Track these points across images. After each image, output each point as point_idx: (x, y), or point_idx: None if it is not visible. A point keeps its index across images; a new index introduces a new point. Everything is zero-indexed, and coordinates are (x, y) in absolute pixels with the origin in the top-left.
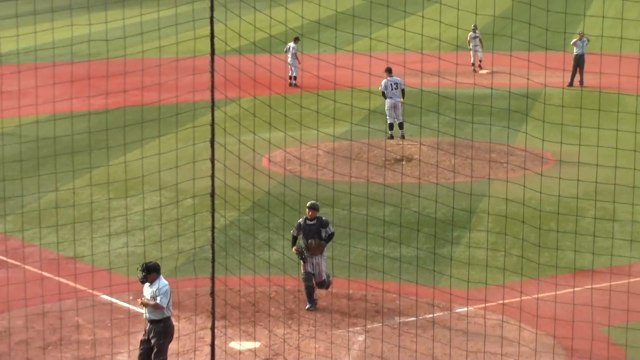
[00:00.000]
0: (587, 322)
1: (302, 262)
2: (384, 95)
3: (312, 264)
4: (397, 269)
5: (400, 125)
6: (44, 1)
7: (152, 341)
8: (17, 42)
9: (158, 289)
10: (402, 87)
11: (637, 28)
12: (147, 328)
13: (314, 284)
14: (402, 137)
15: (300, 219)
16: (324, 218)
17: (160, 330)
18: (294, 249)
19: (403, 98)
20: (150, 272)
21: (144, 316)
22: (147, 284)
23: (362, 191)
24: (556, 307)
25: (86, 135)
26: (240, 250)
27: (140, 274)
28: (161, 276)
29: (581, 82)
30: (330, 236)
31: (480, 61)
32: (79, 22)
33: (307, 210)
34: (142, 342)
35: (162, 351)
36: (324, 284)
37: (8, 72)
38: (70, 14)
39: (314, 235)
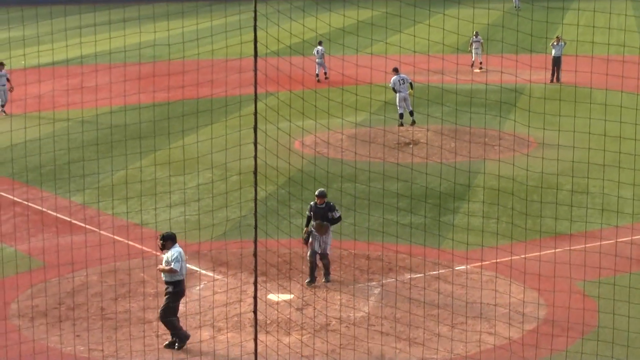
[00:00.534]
0: (565, 277)
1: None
2: (394, 90)
3: (319, 242)
4: (407, 234)
5: (411, 113)
6: (117, 13)
7: (165, 299)
8: (94, 47)
9: (171, 255)
10: (409, 81)
11: (605, 34)
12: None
13: (316, 261)
14: (413, 122)
15: (312, 202)
16: (331, 203)
17: (171, 291)
18: (304, 231)
19: (412, 89)
20: (166, 240)
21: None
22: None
23: (379, 169)
24: (540, 265)
25: (151, 123)
26: (278, 218)
27: (159, 243)
28: (176, 244)
29: (558, 78)
30: (337, 219)
31: (480, 63)
32: (146, 30)
33: (316, 197)
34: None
35: (169, 308)
36: (325, 257)
37: (88, 71)
38: (138, 23)
39: (322, 217)
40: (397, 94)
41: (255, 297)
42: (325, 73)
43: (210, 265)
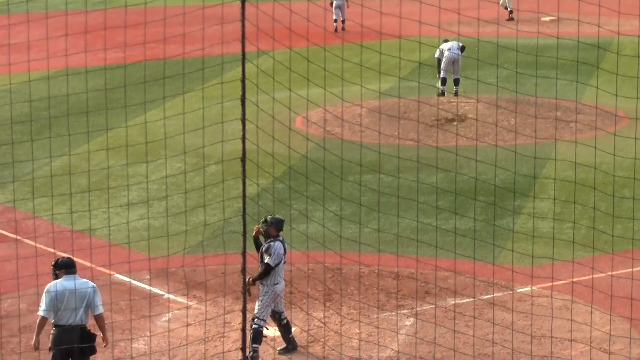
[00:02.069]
0: None
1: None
2: (438, 62)
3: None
4: (450, 243)
5: (456, 82)
6: None
7: None
8: None
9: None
10: (461, 45)
11: None
12: None
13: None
14: (456, 94)
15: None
16: (272, 243)
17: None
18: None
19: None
20: (59, 269)
21: None
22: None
23: (411, 154)
24: (633, 286)
25: (102, 92)
26: None
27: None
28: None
29: None
30: (263, 272)
31: (510, 12)
32: None
33: (271, 225)
34: None
35: None
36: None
37: (16, 22)
38: None
39: (260, 256)
40: (446, 54)
41: (243, 331)
42: (343, 21)
43: (182, 288)
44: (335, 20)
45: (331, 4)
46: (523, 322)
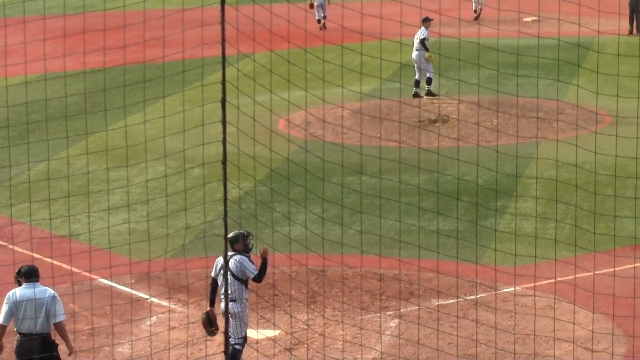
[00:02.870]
0: None
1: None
2: (425, 48)
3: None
4: (434, 244)
5: (429, 81)
6: None
7: None
8: None
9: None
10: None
11: None
12: None
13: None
14: (429, 93)
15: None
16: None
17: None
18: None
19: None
20: (21, 276)
21: None
22: None
23: (394, 156)
24: (615, 284)
25: (81, 97)
26: (257, 225)
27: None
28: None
29: (639, 28)
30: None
31: (476, 11)
32: None
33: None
34: None
35: None
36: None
37: None
38: None
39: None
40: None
41: (226, 334)
42: (324, 17)
43: (165, 291)
44: (319, 21)
45: (311, 5)
46: (507, 322)
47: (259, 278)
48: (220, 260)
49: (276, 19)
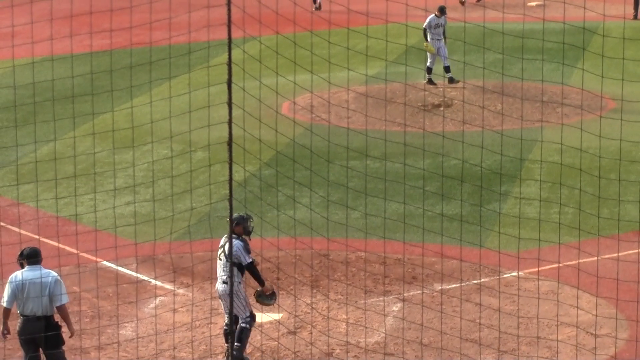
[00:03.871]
0: None
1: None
2: (425, 34)
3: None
4: (438, 228)
5: (447, 69)
6: None
7: None
8: None
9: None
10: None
11: None
12: None
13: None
14: (451, 80)
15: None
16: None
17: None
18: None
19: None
20: (24, 259)
21: None
22: None
23: (398, 139)
24: (619, 269)
25: (87, 79)
26: (262, 208)
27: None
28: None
29: None
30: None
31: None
32: None
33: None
34: None
35: None
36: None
37: (0, 7)
38: None
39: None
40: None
41: (230, 316)
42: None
43: (169, 274)
44: (314, 0)
45: None
46: (510, 306)
47: (248, 268)
48: (221, 242)
49: (283, 1)
